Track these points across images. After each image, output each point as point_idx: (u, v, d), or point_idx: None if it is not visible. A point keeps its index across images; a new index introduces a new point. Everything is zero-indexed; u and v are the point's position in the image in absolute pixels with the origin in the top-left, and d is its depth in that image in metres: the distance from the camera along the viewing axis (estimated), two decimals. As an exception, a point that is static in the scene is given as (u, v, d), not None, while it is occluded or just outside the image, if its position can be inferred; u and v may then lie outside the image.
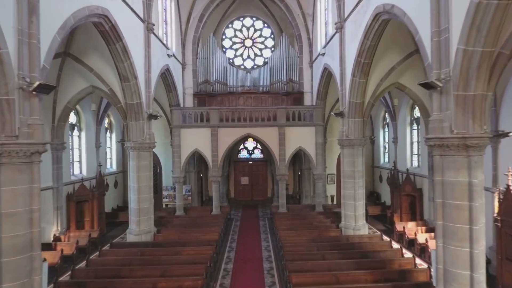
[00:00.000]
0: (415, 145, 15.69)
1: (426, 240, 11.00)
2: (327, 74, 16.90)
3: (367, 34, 10.63)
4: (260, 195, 23.54)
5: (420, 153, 14.95)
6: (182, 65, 19.42)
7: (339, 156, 20.10)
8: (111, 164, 18.74)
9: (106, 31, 10.04)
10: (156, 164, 19.88)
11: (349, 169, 12.86)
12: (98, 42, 10.74)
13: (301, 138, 16.45)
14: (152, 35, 13.50)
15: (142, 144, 12.53)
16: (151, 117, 12.81)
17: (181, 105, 19.12)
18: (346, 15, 12.55)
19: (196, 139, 16.27)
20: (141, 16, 12.34)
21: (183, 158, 16.22)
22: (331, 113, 13.66)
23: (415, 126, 15.68)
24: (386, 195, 18.18)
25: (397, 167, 15.52)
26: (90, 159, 15.76)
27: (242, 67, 23.89)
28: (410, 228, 12.85)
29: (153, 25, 13.03)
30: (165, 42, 16.35)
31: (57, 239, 12.26)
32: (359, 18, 11.24)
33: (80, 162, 15.36)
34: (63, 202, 13.28)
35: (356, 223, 12.72)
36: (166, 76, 16.70)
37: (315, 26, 18.57)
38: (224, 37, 24.05)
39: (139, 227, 12.45)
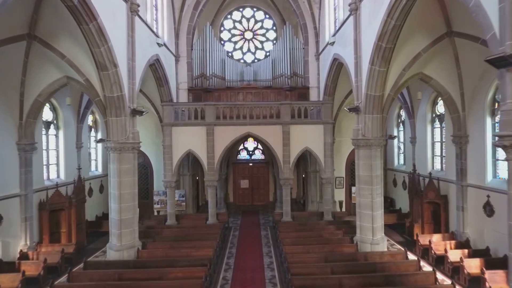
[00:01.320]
0: (437, 146, 13.84)
1: (461, 259, 9.16)
2: (336, 66, 15.11)
3: (392, 12, 8.82)
4: (261, 199, 21.72)
5: (444, 154, 13.10)
6: (176, 57, 17.61)
7: (348, 157, 18.51)
8: (96, 167, 16.93)
9: (75, 6, 8.22)
10: (147, 166, 18.12)
11: (366, 174, 11.04)
12: (70, 22, 8.95)
13: (308, 137, 14.62)
14: (137, 18, 11.69)
15: (125, 144, 10.71)
16: (136, 112, 10.99)
17: (174, 101, 17.31)
18: (363, -6, 10.73)
19: (189, 139, 14.45)
20: (122, -6, 10.52)
21: (175, 160, 14.40)
22: (345, 108, 11.88)
23: (437, 124, 13.84)
24: (401, 201, 16.36)
25: (417, 171, 13.68)
26: (69, 161, 13.93)
27: (241, 61, 22.09)
28: (436, 242, 11.03)
29: (138, 6, 11.21)
30: (154, 29, 14.52)
31: (24, 256, 10.44)
32: (380, -6, 9.43)
33: (57, 164, 13.54)
34: (34, 211, 11.45)
35: (374, 237, 10.90)
36: (156, 68, 14.89)
37: (323, 13, 16.75)
38: (222, 29, 22.26)
39: (120, 242, 10.63)
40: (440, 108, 13.50)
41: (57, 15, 9.18)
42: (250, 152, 22.42)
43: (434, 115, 13.97)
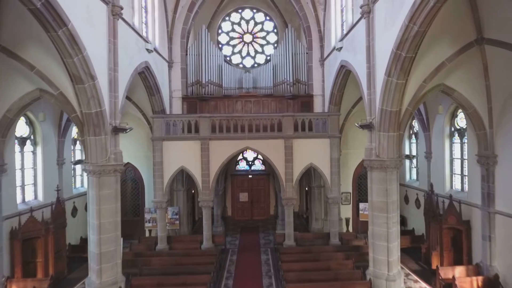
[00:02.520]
0: (456, 163, 12.47)
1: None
2: (344, 74, 13.77)
3: (415, 16, 7.46)
4: (261, 213, 20.40)
5: (466, 173, 11.73)
6: (169, 63, 16.27)
7: (355, 171, 17.17)
8: (82, 182, 15.57)
9: (38, 10, 6.88)
10: (138, 180, 16.79)
11: (380, 200, 9.67)
12: (40, 29, 7.61)
13: (313, 152, 13.27)
14: (122, 22, 10.38)
15: (105, 167, 9.36)
16: (118, 130, 9.65)
17: (168, 111, 15.97)
18: (377, -5, 9.38)
19: (182, 154, 13.10)
20: (102, -6, 9.17)
21: (166, 178, 13.05)
22: (356, 124, 10.54)
23: (456, 139, 12.47)
24: (414, 221, 14.99)
25: (434, 191, 12.32)
26: (49, 180, 12.59)
27: (240, 65, 20.79)
28: (461, 277, 9.68)
29: (121, 8, 9.87)
30: (143, 34, 13.18)
31: (-11, 295, 9.12)
32: (400, -5, 8.08)
33: (34, 184, 12.19)
34: (4, 241, 10.10)
35: (390, 272, 9.54)
36: (145, 76, 13.56)
37: (328, 15, 15.40)
38: (220, 31, 20.95)
39: (100, 279, 9.28)
40: (461, 121, 12.14)
41: (24, 21, 7.84)
42: (250, 162, 21.13)
43: (453, 129, 12.60)
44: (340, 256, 11.54)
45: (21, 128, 11.65)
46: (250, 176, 20.31)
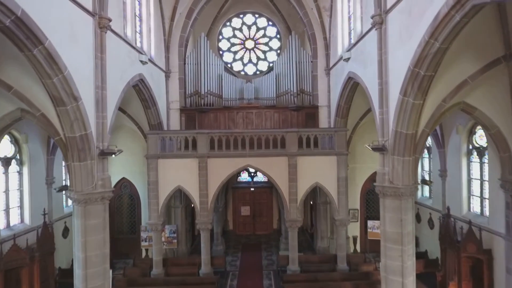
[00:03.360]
0: (475, 183, 11.50)
1: None
2: (351, 86, 12.86)
3: (437, 31, 6.54)
4: (264, 228, 19.52)
5: (486, 196, 10.77)
6: (166, 73, 15.44)
7: (363, 186, 16.23)
8: (75, 200, 14.75)
9: (8, 28, 6.05)
10: (134, 196, 15.98)
11: (394, 230, 8.74)
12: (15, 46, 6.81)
13: (318, 170, 12.38)
14: (111, 35, 9.55)
15: (91, 195, 8.53)
16: (105, 154, 8.81)
17: (165, 124, 15.16)
18: (390, 4, 8.45)
19: (179, 173, 12.26)
20: (87, 6, 8.33)
21: (162, 198, 12.21)
22: (366, 146, 9.64)
23: (475, 158, 11.50)
24: (427, 242, 14.03)
25: (450, 214, 11.37)
26: (37, 202, 11.80)
27: (242, 73, 19.96)
28: (484, 316, 8.75)
29: (109, 20, 9.03)
30: (137, 44, 12.37)
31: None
32: (418, 6, 7.16)
33: (20, 207, 11.40)
34: (-17, 273, 9.34)
35: (405, 310, 8.62)
36: (140, 88, 12.74)
37: (334, 22, 14.48)
38: (220, 37, 20.12)
39: (86, 318, 8.47)
40: (480, 139, 11.17)
41: (-1, 37, 7.05)
42: (252, 174, 20.26)
43: (471, 147, 11.63)
44: (348, 286, 10.63)
45: (5, 148, 10.87)
46: (252, 189, 19.43)
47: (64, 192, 12.07)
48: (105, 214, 8.92)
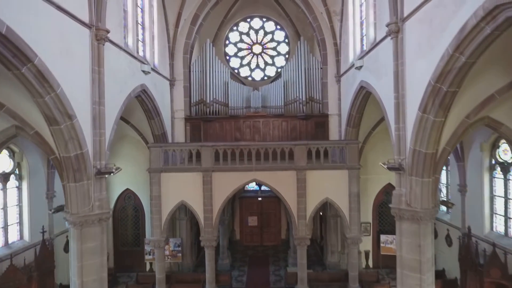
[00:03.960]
0: (499, 201, 10.70)
1: None
2: (363, 95, 12.18)
3: (463, 44, 5.86)
4: (272, 239, 18.90)
5: (511, 216, 9.97)
6: (170, 81, 14.98)
7: (375, 198, 15.50)
8: (78, 212, 14.40)
9: (-8, 47, 5.62)
10: (138, 208, 15.53)
11: (411, 257, 8.06)
12: (6, 62, 6.37)
13: (328, 185, 11.72)
14: (110, 46, 9.12)
15: (87, 217, 8.09)
16: (102, 174, 8.35)
17: (169, 134, 14.70)
18: (408, 12, 7.77)
19: (182, 188, 11.76)
20: (83, 18, 7.88)
21: (165, 214, 11.72)
22: (381, 164, 8.96)
23: (499, 174, 10.69)
24: (445, 260, 13.19)
25: (471, 234, 10.60)
26: (37, 217, 11.46)
27: (249, 78, 19.40)
28: None
29: (107, 32, 8.58)
30: (140, 53, 11.94)
31: None
32: (440, 16, 6.47)
33: (20, 223, 11.05)
34: (-21, 296, 8.99)
35: None
36: (143, 99, 12.30)
37: (345, 27, 13.79)
38: (227, 42, 19.59)
39: None
40: (504, 154, 10.38)
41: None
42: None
43: (494, 162, 10.82)
44: (361, 311, 9.96)
45: (3, 163, 10.53)
46: (260, 199, 18.84)
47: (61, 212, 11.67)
48: (102, 237, 8.45)
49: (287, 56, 19.39)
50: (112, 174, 8.68)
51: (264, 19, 19.57)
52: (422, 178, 7.81)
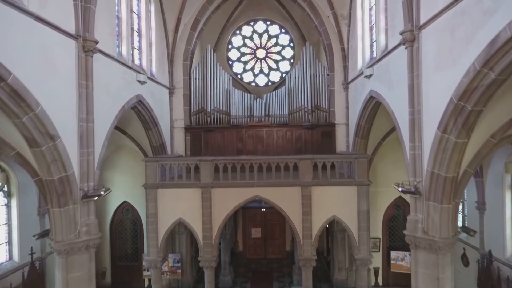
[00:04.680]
0: (522, 222, 9.86)
1: None
2: (373, 105, 11.40)
3: (494, 58, 5.08)
4: (276, 251, 18.16)
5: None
6: (170, 89, 14.33)
7: (385, 212, 14.66)
8: (73, 226, 13.83)
9: (-44, 66, 4.98)
10: (136, 221, 14.92)
11: (429, 290, 7.28)
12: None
13: (336, 202, 10.95)
14: (100, 57, 8.46)
15: (74, 245, 7.46)
16: (89, 197, 7.69)
17: (168, 145, 14.07)
18: (425, 20, 6.99)
19: (180, 204, 11.08)
20: (68, 28, 7.23)
21: (162, 232, 11.05)
22: (394, 186, 8.19)
23: (522, 192, 9.85)
24: (461, 280, 12.25)
25: (492, 258, 9.75)
26: (27, 235, 10.85)
27: (253, 84, 18.69)
28: None
29: (96, 42, 7.92)
30: (136, 61, 11.31)
31: None
32: (464, 26, 5.68)
33: (8, 243, 10.48)
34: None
35: None
36: (139, 110, 11.67)
37: (353, 32, 13.00)
38: (230, 46, 18.90)
39: None
40: (528, 172, 9.52)
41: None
42: (263, 192, 18.90)
43: (516, 179, 9.97)
44: None
45: (-9, 180, 9.99)
46: (263, 210, 18.09)
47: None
48: (90, 265, 7.81)
49: (292, 60, 18.64)
50: (103, 195, 8.02)
51: (268, 23, 18.84)
52: (441, 204, 7.02)
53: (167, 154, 13.87)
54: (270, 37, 19.01)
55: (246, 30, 18.99)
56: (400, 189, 7.72)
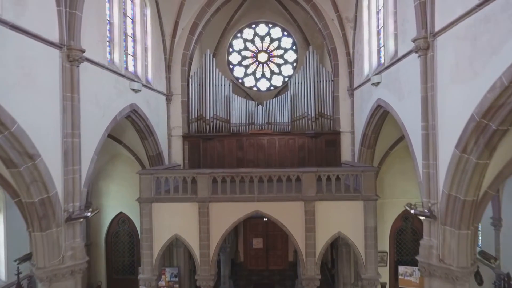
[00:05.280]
0: (542, 242, 9.15)
1: None
2: (381, 114, 10.74)
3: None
4: (278, 262, 17.54)
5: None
6: (167, 96, 13.75)
7: (393, 225, 13.98)
8: (67, 239, 13.29)
9: None
10: (132, 233, 14.39)
11: (445, 324, 6.60)
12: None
13: (341, 218, 10.29)
14: (88, 66, 7.90)
15: (57, 271, 6.88)
16: (73, 220, 7.11)
17: (165, 154, 13.49)
18: (441, 26, 6.32)
19: (176, 220, 10.48)
20: (50, 37, 6.66)
21: (157, 249, 10.46)
22: (406, 207, 7.53)
23: (542, 210, 9.14)
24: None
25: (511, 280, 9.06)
26: (16, 251, 10.30)
27: (254, 88, 18.10)
28: None
29: (82, 51, 7.34)
30: (129, 69, 10.73)
31: None
32: (489, 35, 5.02)
33: (-5, 261, 9.97)
34: None
35: None
36: (133, 119, 11.11)
37: (359, 36, 12.35)
38: (231, 50, 18.31)
39: None
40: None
41: None
42: (265, 200, 18.28)
43: (537, 195, 9.26)
44: None
45: (-25, 196, 9.45)
46: (265, 219, 17.42)
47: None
48: (76, 292, 7.22)
49: (294, 64, 18.00)
50: (89, 216, 7.44)
51: (270, 25, 18.23)
52: (459, 230, 6.35)
53: (164, 164, 13.30)
54: (272, 40, 18.40)
55: (248, 33, 18.40)
56: (413, 211, 7.05)
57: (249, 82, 18.38)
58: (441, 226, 6.60)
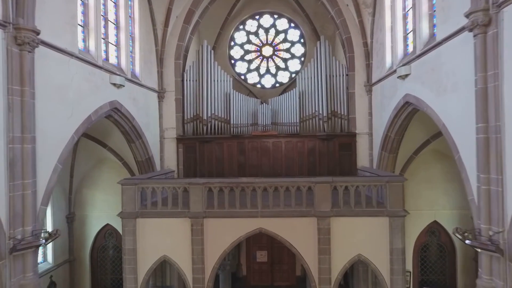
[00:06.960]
0: None
1: None
2: (409, 112, 9.02)
3: None
4: (284, 278, 15.77)
5: None
6: (159, 93, 12.15)
7: (417, 240, 12.24)
8: (45, 256, 11.74)
9: None
10: (121, 248, 12.70)
11: None
12: None
13: (361, 238, 8.60)
14: (49, 53, 6.28)
15: (-1, 317, 5.26)
16: (21, 250, 5.48)
17: (157, 158, 11.91)
18: (513, -10, 4.59)
19: (164, 238, 8.87)
20: (-14, 12, 5.06)
21: (142, 273, 8.83)
22: (458, 235, 5.81)
23: None
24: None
25: None
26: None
27: (258, 86, 16.44)
28: None
29: (37, 33, 5.74)
30: (110, 62, 9.12)
31: None
32: None
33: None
34: None
35: None
36: (116, 120, 9.51)
37: (380, 22, 10.61)
38: (232, 43, 16.66)
39: None
40: None
41: None
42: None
43: None
44: None
45: None
46: (270, 230, 15.79)
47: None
48: None
49: (302, 59, 16.29)
50: (43, 245, 5.83)
51: (276, 16, 16.54)
52: (536, 271, 4.63)
53: (156, 170, 11.71)
54: (277, 33, 16.70)
55: (251, 24, 16.73)
56: (468, 242, 5.33)
57: (252, 78, 16.72)
58: (509, 263, 4.88)
